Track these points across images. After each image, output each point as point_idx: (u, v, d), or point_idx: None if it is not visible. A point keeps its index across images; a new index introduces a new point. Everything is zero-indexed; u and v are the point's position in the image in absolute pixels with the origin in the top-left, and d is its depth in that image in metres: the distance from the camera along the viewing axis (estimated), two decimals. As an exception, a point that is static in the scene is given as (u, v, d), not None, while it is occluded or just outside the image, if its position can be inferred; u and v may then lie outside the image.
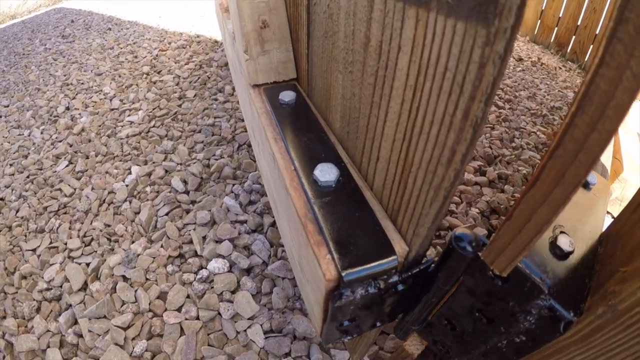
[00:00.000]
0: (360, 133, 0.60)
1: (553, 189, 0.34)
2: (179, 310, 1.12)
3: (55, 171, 1.77)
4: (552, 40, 3.46)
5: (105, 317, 1.13)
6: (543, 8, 3.46)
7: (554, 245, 0.48)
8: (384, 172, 0.54)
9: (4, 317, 1.21)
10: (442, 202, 0.41)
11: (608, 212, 1.53)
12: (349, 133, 0.65)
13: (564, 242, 0.48)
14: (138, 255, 1.27)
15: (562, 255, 0.47)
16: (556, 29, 3.38)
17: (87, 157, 1.82)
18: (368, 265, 0.48)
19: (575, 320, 0.42)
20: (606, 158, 0.82)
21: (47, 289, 1.26)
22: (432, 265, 0.52)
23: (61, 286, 1.25)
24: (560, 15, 3.29)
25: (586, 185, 0.67)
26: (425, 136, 0.42)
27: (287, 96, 0.80)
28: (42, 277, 1.30)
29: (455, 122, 0.36)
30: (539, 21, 3.56)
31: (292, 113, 0.78)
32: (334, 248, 0.50)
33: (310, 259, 0.55)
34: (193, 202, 1.48)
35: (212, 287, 1.16)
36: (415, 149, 0.44)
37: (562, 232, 0.50)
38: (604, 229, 0.57)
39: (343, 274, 0.47)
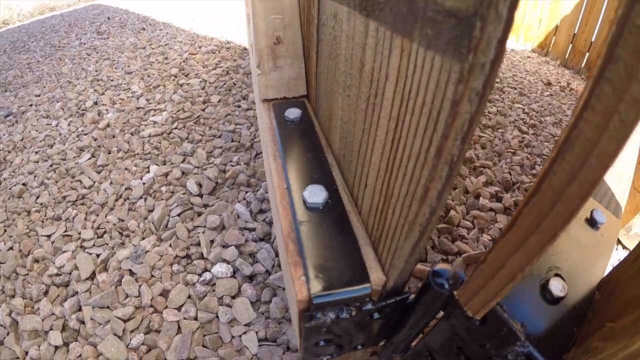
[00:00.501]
0: (353, 157, 0.60)
1: (528, 238, 0.33)
2: (178, 309, 1.15)
3: (78, 163, 1.83)
4: (583, 65, 3.34)
5: (108, 307, 1.17)
6: (575, 32, 3.36)
7: (544, 289, 0.47)
8: (369, 199, 0.55)
9: (13, 296, 1.26)
10: (418, 237, 0.41)
11: (624, 247, 1.49)
12: (344, 156, 0.66)
13: (555, 287, 0.46)
14: (146, 251, 1.31)
15: (553, 300, 0.46)
16: (588, 53, 3.26)
17: (109, 152, 1.88)
18: (339, 291, 0.49)
19: None
20: (621, 194, 0.76)
21: (57, 275, 1.30)
22: (410, 297, 0.52)
23: (70, 273, 1.30)
24: (593, 40, 3.17)
25: (594, 224, 0.63)
26: (403, 169, 0.41)
27: (292, 113, 0.81)
28: (54, 263, 1.35)
29: (429, 159, 0.35)
30: (571, 45, 3.45)
31: (295, 130, 0.79)
32: (310, 271, 0.51)
33: (288, 278, 0.56)
34: (205, 206, 1.52)
35: (214, 290, 1.19)
36: (395, 181, 0.44)
37: (556, 275, 0.48)
38: (606, 273, 0.54)
39: (313, 298, 0.48)
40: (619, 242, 1.50)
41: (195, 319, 1.13)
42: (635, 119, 0.21)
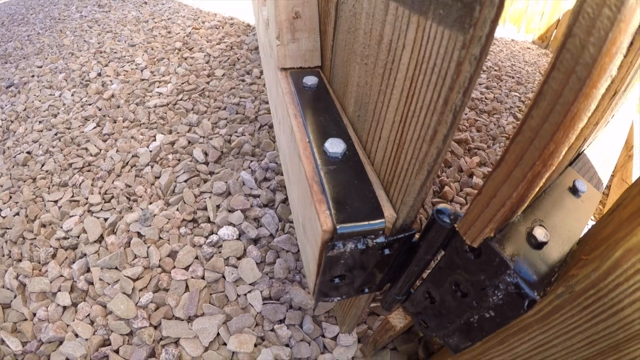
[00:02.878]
0: (368, 116, 0.67)
1: (513, 170, 0.40)
2: (186, 269, 1.18)
3: (83, 132, 1.85)
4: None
5: (116, 268, 1.20)
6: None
7: (530, 235, 0.52)
8: (383, 150, 0.62)
9: (20, 260, 1.29)
10: (426, 175, 0.48)
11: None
12: (359, 116, 0.72)
13: (539, 233, 0.52)
14: (154, 215, 1.33)
15: (537, 244, 0.51)
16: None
17: (115, 122, 1.89)
18: (359, 223, 0.55)
19: (538, 299, 0.46)
20: (604, 173, 0.86)
21: (65, 238, 1.33)
22: (416, 234, 0.58)
23: (78, 236, 1.32)
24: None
25: (575, 192, 0.70)
26: (416, 119, 0.49)
27: (310, 80, 0.87)
28: (61, 227, 1.37)
29: (438, 107, 0.43)
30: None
31: (312, 95, 0.85)
32: (333, 206, 0.57)
33: (312, 216, 0.61)
34: (211, 173, 1.54)
35: (220, 252, 1.22)
36: (408, 129, 0.51)
37: (540, 225, 0.54)
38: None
39: (337, 227, 0.54)
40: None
41: (203, 278, 1.16)
42: (587, 76, 0.31)
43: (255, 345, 1.02)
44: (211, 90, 2.12)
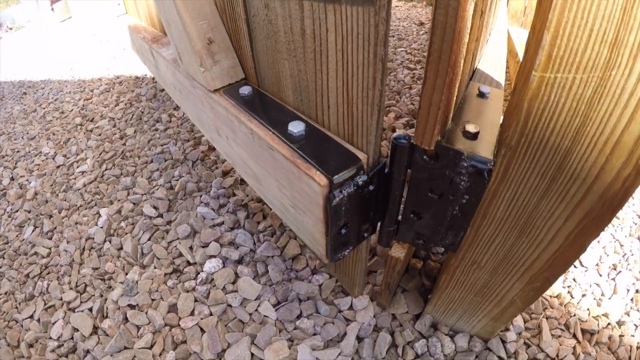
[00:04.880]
0: (311, 95, 0.78)
1: (435, 80, 0.55)
2: (192, 314, 1.21)
3: (24, 239, 1.78)
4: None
5: (126, 347, 1.20)
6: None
7: (464, 132, 0.66)
8: (335, 114, 0.74)
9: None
10: (378, 113, 0.62)
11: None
12: (302, 100, 0.84)
13: (470, 127, 0.65)
14: (137, 282, 1.34)
15: (472, 135, 0.64)
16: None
17: (51, 217, 1.84)
18: (346, 170, 0.67)
19: (491, 165, 0.59)
20: (498, 77, 1.06)
21: (59, 346, 1.30)
22: (386, 163, 0.72)
23: (72, 338, 1.30)
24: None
25: (483, 96, 0.85)
26: (356, 77, 0.62)
27: (245, 90, 0.97)
28: (50, 338, 1.34)
29: (370, 60, 0.57)
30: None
31: (252, 101, 0.96)
32: (320, 166, 0.69)
33: (305, 185, 0.72)
34: (169, 222, 1.56)
35: (215, 285, 1.25)
36: (352, 87, 0.64)
37: (468, 123, 0.68)
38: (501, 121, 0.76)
39: (333, 178, 0.66)
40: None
41: (211, 314, 1.19)
42: (458, 5, 0.47)
43: (289, 347, 1.08)
44: (130, 149, 2.11)
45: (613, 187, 0.53)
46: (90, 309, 1.35)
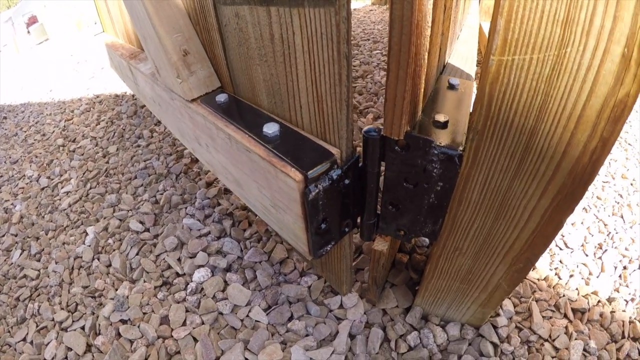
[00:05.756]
0: (284, 96, 0.81)
1: (397, 71, 0.58)
2: (184, 324, 1.20)
3: (12, 263, 1.77)
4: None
5: (120, 361, 1.20)
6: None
7: (434, 121, 0.68)
8: (307, 112, 0.77)
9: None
10: (347, 108, 0.65)
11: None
12: (275, 103, 0.86)
13: (439, 116, 0.67)
14: (127, 297, 1.34)
15: (442, 124, 0.67)
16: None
17: (38, 239, 1.83)
18: (320, 165, 0.70)
19: (461, 151, 0.61)
20: (469, 70, 1.10)
21: (53, 367, 1.29)
22: (359, 157, 0.74)
23: (66, 357, 1.29)
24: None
25: (453, 87, 0.88)
26: (324, 74, 0.65)
27: (221, 97, 1.00)
28: (44, 359, 1.33)
29: (335, 58, 0.60)
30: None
31: (229, 108, 0.98)
32: (295, 163, 0.71)
33: (282, 183, 0.73)
34: (156, 236, 1.55)
35: (205, 294, 1.25)
36: (320, 85, 0.67)
37: (438, 113, 0.70)
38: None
39: (307, 173, 0.68)
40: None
41: (203, 323, 1.19)
42: (412, 0, 0.49)
43: (283, 350, 1.08)
44: (114, 167, 2.11)
45: (581, 161, 0.54)
46: (83, 327, 1.34)
